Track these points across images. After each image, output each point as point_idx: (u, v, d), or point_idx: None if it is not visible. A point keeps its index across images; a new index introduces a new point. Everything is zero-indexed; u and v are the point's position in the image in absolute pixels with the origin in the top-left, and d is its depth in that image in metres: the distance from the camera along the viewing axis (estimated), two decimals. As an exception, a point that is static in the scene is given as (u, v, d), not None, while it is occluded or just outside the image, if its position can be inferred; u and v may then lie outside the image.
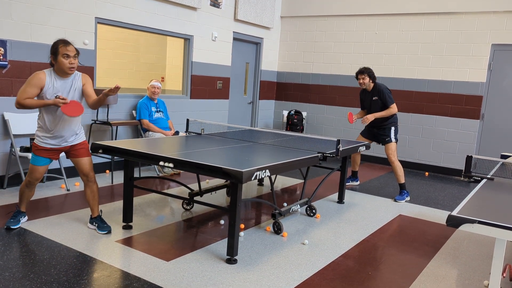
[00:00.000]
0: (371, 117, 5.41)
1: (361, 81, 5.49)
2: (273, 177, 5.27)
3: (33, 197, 4.58)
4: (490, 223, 2.23)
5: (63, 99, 3.35)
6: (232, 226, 3.25)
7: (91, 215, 3.83)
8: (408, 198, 5.56)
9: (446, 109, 7.40)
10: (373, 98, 5.53)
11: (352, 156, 6.13)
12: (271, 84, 9.08)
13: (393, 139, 5.53)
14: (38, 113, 3.57)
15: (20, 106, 3.37)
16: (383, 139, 5.57)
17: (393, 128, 5.56)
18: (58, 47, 3.36)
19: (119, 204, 4.56)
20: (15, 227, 3.67)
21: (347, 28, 8.20)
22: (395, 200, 5.48)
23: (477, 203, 2.68)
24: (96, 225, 3.74)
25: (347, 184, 6.18)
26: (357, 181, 6.30)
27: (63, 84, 3.49)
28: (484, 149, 7.20)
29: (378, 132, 5.65)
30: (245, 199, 3.56)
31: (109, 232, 3.70)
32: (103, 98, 3.48)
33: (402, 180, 5.51)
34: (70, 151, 3.67)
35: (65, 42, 3.39)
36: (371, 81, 5.50)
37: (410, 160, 7.77)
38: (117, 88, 3.32)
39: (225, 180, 4.84)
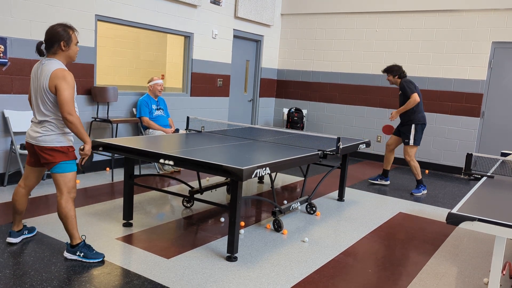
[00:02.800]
0: (395, 113, 5.64)
1: (387, 78, 5.73)
2: (273, 174, 5.27)
3: (33, 195, 4.58)
4: (490, 221, 2.23)
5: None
6: (232, 224, 3.25)
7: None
8: (424, 192, 5.79)
9: (447, 107, 7.39)
10: (399, 93, 5.70)
11: (385, 155, 6.12)
12: (271, 81, 9.08)
13: (411, 142, 5.62)
14: (49, 117, 2.99)
15: (73, 120, 2.89)
16: (403, 139, 5.72)
17: (413, 126, 5.60)
18: (71, 34, 3.00)
19: (119, 201, 4.56)
20: (100, 259, 3.13)
21: (348, 26, 8.19)
22: (411, 194, 5.70)
23: (477, 201, 2.68)
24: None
25: (375, 181, 6.19)
26: (387, 180, 6.19)
27: None
28: (484, 147, 7.20)
29: (401, 130, 5.79)
30: (245, 197, 3.56)
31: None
32: None
33: (419, 177, 5.72)
34: None
35: (74, 29, 3.04)
36: (396, 77, 5.63)
37: (410, 158, 7.76)
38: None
39: (225, 178, 4.84)
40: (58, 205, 3.07)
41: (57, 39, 2.97)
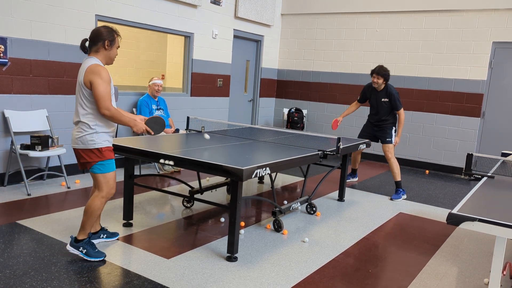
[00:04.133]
0: (398, 139, 5.58)
1: (375, 80, 5.42)
2: (273, 175, 5.26)
3: (34, 195, 4.58)
4: (490, 221, 2.23)
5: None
6: (232, 224, 3.25)
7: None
8: (404, 196, 5.54)
9: (447, 107, 7.39)
10: (382, 100, 5.50)
11: (352, 155, 6.12)
12: (271, 81, 9.07)
13: (393, 140, 5.56)
14: (84, 114, 3.00)
15: (112, 114, 2.97)
16: (384, 139, 5.58)
17: (394, 128, 5.60)
18: (115, 36, 3.10)
19: (119, 201, 4.56)
20: (101, 258, 3.13)
21: (348, 26, 8.19)
22: (391, 199, 5.46)
23: (478, 201, 2.67)
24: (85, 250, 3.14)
25: (347, 181, 6.14)
26: (355, 177, 6.36)
27: None
28: (484, 147, 7.20)
29: (378, 131, 5.66)
30: (245, 197, 3.56)
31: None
32: None
33: (399, 178, 5.53)
34: None
35: (118, 34, 3.14)
36: (384, 82, 5.46)
37: (411, 158, 7.76)
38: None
39: (225, 178, 4.84)
40: (92, 200, 3.10)
41: (102, 38, 3.05)
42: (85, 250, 3.09)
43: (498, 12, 6.84)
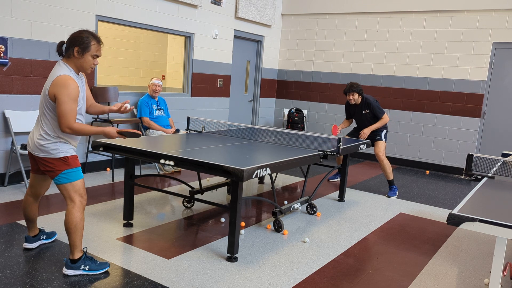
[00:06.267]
0: (367, 131, 5.55)
1: (350, 97, 5.57)
2: (273, 175, 5.27)
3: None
4: (491, 222, 2.23)
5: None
6: (232, 224, 3.25)
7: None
8: (397, 193, 5.75)
9: (447, 107, 7.39)
10: (363, 112, 5.64)
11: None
12: (271, 82, 9.08)
13: (383, 138, 5.65)
14: (45, 122, 2.84)
15: (74, 132, 2.78)
16: (374, 137, 5.67)
17: (384, 131, 5.70)
18: (91, 44, 2.82)
19: (119, 202, 4.56)
20: (106, 268, 2.99)
21: (348, 26, 8.19)
22: (388, 196, 5.58)
23: (478, 201, 2.67)
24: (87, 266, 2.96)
25: (334, 179, 6.28)
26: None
27: (79, 82, 2.92)
28: (485, 148, 7.20)
29: (369, 135, 5.74)
30: (245, 197, 3.56)
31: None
32: (106, 111, 3.22)
33: (391, 177, 5.64)
34: None
35: (99, 41, 2.88)
36: (359, 97, 5.59)
37: (411, 158, 7.76)
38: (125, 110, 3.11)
39: (225, 178, 4.85)
40: (68, 215, 2.86)
41: (73, 43, 2.80)
42: (87, 267, 2.91)
43: (498, 12, 6.84)
